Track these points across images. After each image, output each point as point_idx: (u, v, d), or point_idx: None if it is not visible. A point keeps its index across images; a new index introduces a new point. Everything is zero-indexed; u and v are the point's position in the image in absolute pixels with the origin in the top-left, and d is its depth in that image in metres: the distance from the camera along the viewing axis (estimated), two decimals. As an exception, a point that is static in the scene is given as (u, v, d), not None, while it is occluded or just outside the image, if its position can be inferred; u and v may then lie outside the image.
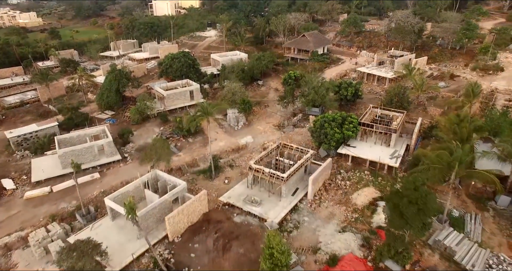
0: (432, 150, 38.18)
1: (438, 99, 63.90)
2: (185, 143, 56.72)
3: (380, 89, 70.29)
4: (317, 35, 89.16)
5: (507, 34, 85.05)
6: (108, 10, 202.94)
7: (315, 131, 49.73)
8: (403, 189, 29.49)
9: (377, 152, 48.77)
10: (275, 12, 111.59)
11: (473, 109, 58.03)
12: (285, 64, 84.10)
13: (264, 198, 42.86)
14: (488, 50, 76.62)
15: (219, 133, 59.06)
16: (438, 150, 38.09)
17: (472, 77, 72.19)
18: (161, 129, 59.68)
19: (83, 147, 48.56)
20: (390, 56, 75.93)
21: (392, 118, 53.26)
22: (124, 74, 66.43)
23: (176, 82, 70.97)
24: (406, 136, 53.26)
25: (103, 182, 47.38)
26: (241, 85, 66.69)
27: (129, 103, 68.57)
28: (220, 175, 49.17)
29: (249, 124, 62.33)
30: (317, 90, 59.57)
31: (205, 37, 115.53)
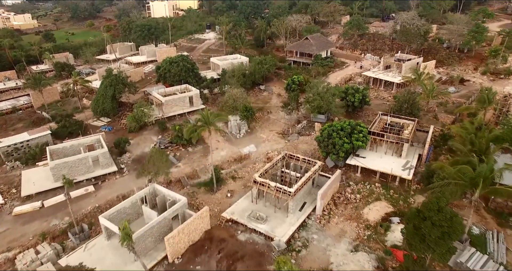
0: (451, 163, 35.75)
1: (448, 105, 61.62)
2: (185, 153, 54.21)
3: (387, 94, 67.98)
4: (320, 37, 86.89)
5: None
6: (105, 11, 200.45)
7: (323, 141, 47.31)
8: (424, 210, 27.05)
9: (388, 163, 46.41)
10: (275, 14, 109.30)
11: (487, 117, 55.90)
12: (287, 68, 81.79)
13: (270, 214, 40.39)
14: (499, 53, 74.47)
15: (220, 142, 56.56)
16: (456, 163, 35.77)
17: (482, 81, 70.04)
18: (159, 138, 57.15)
19: (76, 159, 45.97)
20: (397, 60, 73.65)
21: (402, 127, 50.91)
22: (121, 79, 63.92)
23: (174, 88, 68.51)
24: (417, 145, 50.98)
25: (98, 196, 44.80)
26: (243, 91, 64.32)
27: (126, 110, 66.06)
28: (222, 187, 46.68)
29: (252, 132, 59.89)
30: (322, 97, 57.21)
31: (204, 40, 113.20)
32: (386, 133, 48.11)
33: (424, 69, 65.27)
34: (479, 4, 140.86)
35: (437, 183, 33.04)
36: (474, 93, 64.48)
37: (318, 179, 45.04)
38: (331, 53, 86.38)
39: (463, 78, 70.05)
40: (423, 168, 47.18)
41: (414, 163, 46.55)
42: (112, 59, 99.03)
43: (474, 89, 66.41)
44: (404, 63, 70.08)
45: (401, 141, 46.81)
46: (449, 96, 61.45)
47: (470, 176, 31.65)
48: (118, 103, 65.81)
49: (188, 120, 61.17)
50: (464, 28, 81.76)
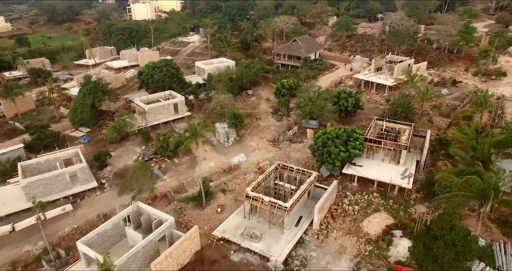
0: (456, 172, 33.92)
1: (443, 108, 60.35)
2: (171, 164, 51.18)
3: (379, 97, 66.39)
4: (309, 39, 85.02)
5: (504, 37, 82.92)
6: (84, 14, 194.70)
7: (317, 149, 45.06)
8: (435, 227, 24.99)
9: (386, 171, 44.51)
10: (261, 15, 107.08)
11: (483, 119, 54.76)
12: (276, 71, 79.57)
13: (264, 231, 37.86)
14: (489, 54, 73.98)
15: (208, 152, 53.67)
16: (462, 173, 34.00)
17: (474, 83, 69.27)
18: (142, 149, 53.96)
19: (52, 175, 42.44)
20: (388, 62, 72.26)
21: (399, 132, 49.17)
22: (100, 86, 60.41)
23: (158, 94, 65.37)
24: (414, 151, 49.31)
25: (77, 216, 41.42)
26: (230, 97, 61.67)
27: (107, 119, 62.55)
28: (212, 202, 43.90)
29: (241, 140, 57.30)
30: (314, 102, 55.10)
31: (188, 43, 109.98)
32: (383, 140, 46.23)
33: (417, 71, 63.95)
34: (462, 4, 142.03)
35: (443, 195, 31.10)
36: (468, 95, 63.55)
37: (313, 191, 42.77)
38: (320, 55, 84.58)
39: (455, 80, 69.12)
40: (421, 175, 45.48)
41: (412, 170, 44.76)
42: (92, 65, 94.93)
43: (467, 91, 65.53)
44: (396, 65, 68.68)
45: (399, 148, 44.97)
46: (444, 98, 60.24)
47: (478, 187, 29.82)
48: (98, 112, 62.26)
49: (173, 129, 58.09)
50: (452, 28, 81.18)
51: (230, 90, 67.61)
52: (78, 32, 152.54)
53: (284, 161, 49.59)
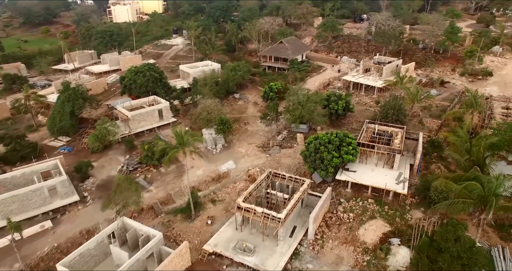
0: (453, 178, 33.16)
1: (432, 109, 60.12)
2: (157, 174, 49.16)
3: (369, 99, 65.78)
4: (295, 41, 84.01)
5: (487, 37, 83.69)
6: (62, 17, 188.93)
7: (309, 155, 43.82)
8: (439, 239, 23.98)
9: (380, 176, 43.65)
10: (246, 17, 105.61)
11: (473, 120, 54.63)
12: (263, 74, 78.22)
13: (257, 243, 36.32)
14: (474, 54, 74.41)
15: (196, 160, 51.58)
16: (459, 178, 33.26)
17: (462, 83, 69.49)
18: (126, 158, 51.71)
19: (29, 190, 39.89)
20: (376, 63, 71.79)
21: (391, 135, 48.41)
22: (80, 93, 57.81)
23: (141, 100, 63.11)
24: (407, 154, 48.63)
25: (57, 233, 39.02)
26: (217, 102, 59.93)
27: (88, 127, 59.93)
28: (202, 213, 42.10)
29: (229, 146, 55.65)
30: (304, 105, 53.94)
31: (171, 46, 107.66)
32: (376, 144, 45.34)
33: (406, 72, 63.62)
34: (444, 4, 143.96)
35: (443, 203, 30.20)
36: (456, 95, 63.59)
37: (307, 199, 41.49)
38: (306, 56, 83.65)
39: (443, 80, 69.16)
40: (416, 180, 44.82)
41: (407, 174, 44.02)
42: (71, 69, 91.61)
43: (456, 91, 65.62)
44: (385, 66, 68.23)
45: (392, 152, 44.13)
46: (433, 99, 59.98)
47: (478, 193, 29.03)
48: (78, 120, 59.63)
49: (158, 136, 56.03)
50: (437, 28, 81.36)
51: (216, 95, 66.00)
52: (56, 35, 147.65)
53: (275, 168, 48.27)
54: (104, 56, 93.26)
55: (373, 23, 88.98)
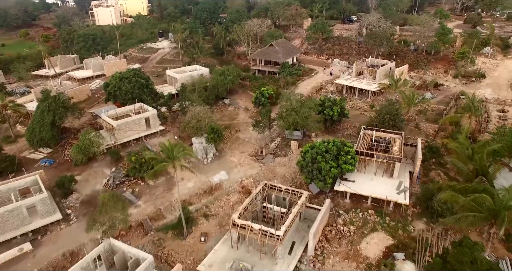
0: (460, 189, 31.77)
1: (428, 113, 59.14)
2: (145, 187, 46.68)
3: (363, 103, 64.49)
4: (286, 44, 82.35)
5: (477, 38, 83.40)
6: (42, 19, 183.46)
7: (306, 166, 42.04)
8: (454, 261, 22.41)
9: (380, 186, 42.20)
10: (234, 19, 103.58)
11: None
12: (253, 78, 76.30)
13: (255, 262, 34.35)
14: (466, 56, 73.98)
15: (186, 171, 49.33)
16: (466, 190, 31.90)
17: (456, 85, 68.87)
18: (112, 171, 49.05)
19: (5, 211, 37.00)
20: (370, 66, 70.61)
21: (389, 142, 47.04)
22: (61, 102, 54.87)
23: (127, 108, 60.44)
24: (406, 161, 47.30)
25: (37, 256, 36.32)
26: (207, 109, 57.65)
27: (70, 137, 57.00)
28: (194, 229, 39.94)
29: (221, 155, 53.54)
30: (298, 111, 52.21)
31: (157, 49, 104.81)
32: (375, 152, 43.89)
33: (401, 75, 62.54)
34: (430, 5, 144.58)
35: (452, 218, 28.74)
36: (452, 98, 62.78)
37: (305, 212, 39.66)
38: (297, 59, 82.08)
39: (437, 83, 68.39)
40: (416, 188, 43.53)
41: (407, 183, 42.63)
42: (52, 75, 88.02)
43: (450, 94, 64.83)
44: (378, 69, 67.06)
45: (392, 161, 42.70)
46: (429, 103, 58.99)
47: (489, 207, 27.66)
48: (60, 130, 56.63)
49: (145, 146, 53.53)
50: (427, 29, 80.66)
51: (206, 101, 63.78)
52: (35, 39, 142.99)
53: (270, 178, 46.48)
54: (87, 61, 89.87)
55: (364, 25, 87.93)
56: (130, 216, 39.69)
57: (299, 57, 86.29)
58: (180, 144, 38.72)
